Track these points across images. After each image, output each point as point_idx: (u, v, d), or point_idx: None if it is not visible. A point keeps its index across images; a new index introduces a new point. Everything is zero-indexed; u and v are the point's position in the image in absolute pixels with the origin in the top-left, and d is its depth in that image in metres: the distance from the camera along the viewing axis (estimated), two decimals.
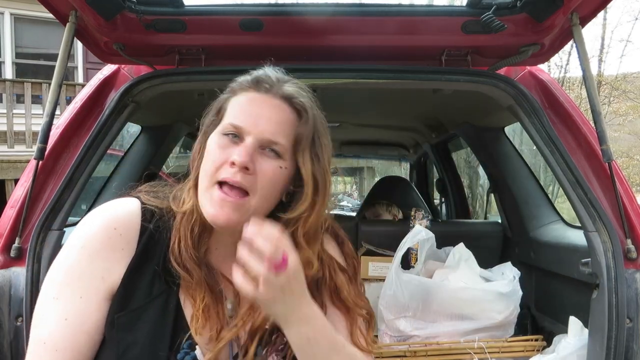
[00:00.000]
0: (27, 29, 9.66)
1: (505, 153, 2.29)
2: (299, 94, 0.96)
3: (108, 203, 0.98)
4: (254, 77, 0.97)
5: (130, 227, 0.94)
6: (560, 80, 13.37)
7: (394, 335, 1.71)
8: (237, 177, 0.88)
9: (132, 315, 0.90)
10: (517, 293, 1.70)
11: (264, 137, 0.91)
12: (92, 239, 0.92)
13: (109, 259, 0.91)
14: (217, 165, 0.90)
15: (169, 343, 0.90)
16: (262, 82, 0.96)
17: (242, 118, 0.92)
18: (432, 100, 2.14)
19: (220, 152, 0.91)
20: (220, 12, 1.42)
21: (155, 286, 0.93)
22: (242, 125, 0.91)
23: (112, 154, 3.23)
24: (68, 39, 1.35)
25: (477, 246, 1.97)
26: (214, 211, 0.89)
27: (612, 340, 1.25)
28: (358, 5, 1.51)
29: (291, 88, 0.97)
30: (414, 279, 1.71)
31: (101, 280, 0.90)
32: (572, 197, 1.41)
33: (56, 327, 0.87)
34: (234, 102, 0.96)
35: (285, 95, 0.95)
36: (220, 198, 0.88)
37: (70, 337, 0.87)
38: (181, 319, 0.93)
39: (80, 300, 0.89)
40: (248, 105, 0.94)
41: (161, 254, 0.95)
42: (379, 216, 2.80)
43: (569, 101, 1.61)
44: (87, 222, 0.94)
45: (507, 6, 1.37)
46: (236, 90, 0.97)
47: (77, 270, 0.90)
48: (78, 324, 0.88)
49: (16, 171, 6.54)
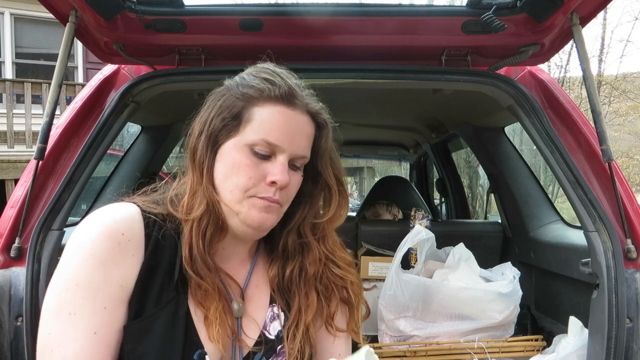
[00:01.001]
0: (27, 29, 9.66)
1: (505, 153, 2.29)
2: (322, 109, 0.99)
3: (105, 208, 0.91)
4: (284, 91, 0.93)
5: (135, 231, 0.89)
6: (560, 80, 13.37)
7: (394, 335, 1.71)
8: (277, 196, 0.92)
9: (143, 325, 0.87)
10: (517, 293, 1.70)
11: (298, 154, 0.94)
12: (101, 246, 0.85)
13: (123, 266, 0.86)
14: (254, 181, 0.91)
15: (181, 352, 0.88)
16: (294, 97, 0.94)
17: (277, 135, 0.91)
18: (432, 100, 2.13)
19: (254, 170, 0.91)
20: (220, 12, 1.42)
21: (164, 294, 0.89)
22: (279, 144, 0.91)
23: (112, 154, 3.24)
24: (68, 39, 1.35)
25: (477, 246, 1.97)
26: (261, 218, 0.92)
27: (612, 340, 1.25)
28: (358, 5, 1.51)
29: (314, 102, 0.98)
30: (414, 279, 1.71)
31: (120, 288, 0.85)
32: (572, 197, 1.41)
33: (83, 344, 0.81)
34: (263, 115, 0.92)
35: (312, 112, 0.97)
36: (267, 204, 0.92)
37: (100, 351, 0.82)
38: (191, 326, 0.90)
39: (104, 311, 0.83)
40: (283, 123, 0.92)
41: (168, 261, 0.92)
42: (379, 216, 2.80)
43: (569, 101, 1.61)
44: (87, 229, 0.87)
45: (507, 6, 1.37)
46: (261, 99, 0.93)
47: (92, 280, 0.84)
48: (107, 337, 0.83)
49: (16, 171, 6.54)
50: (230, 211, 0.93)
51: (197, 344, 0.90)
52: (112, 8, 1.34)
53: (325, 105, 1.01)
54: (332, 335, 1.05)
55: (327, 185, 1.02)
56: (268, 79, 0.94)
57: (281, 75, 0.96)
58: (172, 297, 0.90)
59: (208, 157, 0.93)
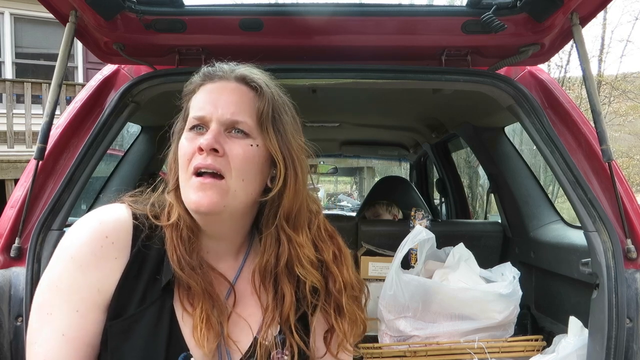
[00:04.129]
0: (27, 29, 9.66)
1: (505, 153, 2.29)
2: (252, 73, 0.98)
3: (94, 211, 0.94)
4: (205, 71, 0.99)
5: (121, 234, 0.91)
6: (560, 80, 13.36)
7: (394, 336, 1.71)
8: (208, 161, 0.89)
9: (126, 323, 0.88)
10: (517, 293, 1.70)
11: (226, 119, 0.92)
12: (83, 250, 0.88)
13: (103, 269, 0.89)
14: (188, 156, 0.91)
15: (165, 351, 0.89)
16: (214, 72, 0.98)
17: (203, 107, 0.94)
18: (432, 100, 2.14)
19: (189, 144, 0.92)
20: (220, 12, 1.42)
21: (149, 293, 0.91)
22: (204, 114, 0.93)
23: (112, 154, 3.23)
24: (68, 39, 1.35)
25: (477, 246, 1.97)
26: (196, 197, 0.89)
27: (612, 340, 1.25)
28: (358, 5, 1.51)
29: (244, 69, 0.99)
30: (414, 279, 1.71)
31: (97, 293, 0.88)
32: (572, 197, 1.41)
33: (53, 344, 0.85)
34: (194, 99, 0.97)
35: (239, 77, 0.97)
36: (199, 182, 0.89)
37: (67, 353, 0.85)
38: (175, 328, 0.91)
39: (76, 314, 0.87)
40: (206, 95, 0.96)
41: (154, 261, 0.93)
42: (379, 216, 2.80)
43: (569, 101, 1.61)
44: (74, 232, 0.91)
45: (507, 6, 1.37)
46: (193, 89, 0.99)
47: (70, 283, 0.87)
48: (76, 338, 0.86)
49: (16, 171, 6.54)
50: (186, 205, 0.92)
51: (182, 346, 0.90)
52: (112, 8, 1.34)
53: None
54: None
55: (273, 158, 0.96)
56: (198, 72, 1.00)
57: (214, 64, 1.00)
58: (157, 298, 0.91)
59: (175, 159, 0.96)
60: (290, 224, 0.98)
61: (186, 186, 0.91)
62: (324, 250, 1.03)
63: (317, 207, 1.05)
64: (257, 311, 1.00)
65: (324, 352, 1.03)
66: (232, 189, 0.91)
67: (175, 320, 0.92)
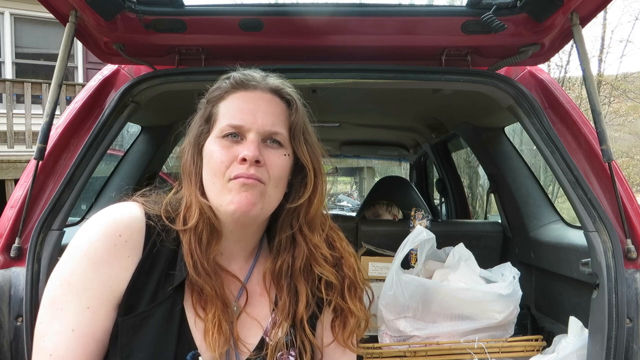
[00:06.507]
0: (27, 29, 9.66)
1: (505, 153, 2.29)
2: (285, 85, 1.02)
3: (108, 208, 0.96)
4: (238, 79, 1.00)
5: (134, 232, 0.92)
6: (560, 80, 13.36)
7: (394, 336, 1.71)
8: (250, 171, 0.91)
9: (137, 319, 0.89)
10: (517, 293, 1.69)
11: (266, 130, 0.95)
12: (96, 247, 0.90)
13: (115, 267, 0.90)
14: (227, 164, 0.92)
15: (174, 348, 0.90)
16: (248, 81, 0.99)
17: (240, 116, 0.95)
18: (432, 100, 2.13)
19: (225, 151, 0.93)
20: (220, 12, 1.42)
21: (160, 292, 0.92)
22: (242, 124, 0.94)
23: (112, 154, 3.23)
24: (68, 39, 1.35)
25: (477, 246, 1.97)
26: (239, 198, 0.91)
27: (612, 340, 1.25)
28: (358, 5, 1.51)
29: (277, 81, 1.02)
30: (414, 279, 1.71)
31: (109, 290, 0.89)
32: (572, 197, 1.41)
33: (63, 339, 0.86)
34: (225, 106, 0.98)
35: (274, 88, 1.00)
36: (241, 182, 0.91)
37: (76, 348, 0.86)
38: (185, 326, 0.92)
39: (87, 310, 0.88)
40: (243, 104, 0.97)
41: (166, 260, 0.94)
42: (379, 216, 2.80)
43: (569, 101, 1.61)
44: (88, 229, 0.92)
45: (507, 6, 1.37)
46: (223, 95, 0.99)
47: (82, 280, 0.88)
48: (86, 334, 0.87)
49: (16, 171, 6.54)
50: (218, 209, 0.94)
51: (190, 344, 0.91)
52: (112, 8, 1.34)
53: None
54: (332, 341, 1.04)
55: (303, 166, 1.01)
56: (226, 77, 1.01)
57: (239, 70, 1.02)
58: (168, 296, 0.92)
59: (195, 163, 0.97)
60: (310, 226, 1.02)
61: (223, 190, 0.92)
62: (336, 247, 1.07)
63: (325, 208, 1.09)
64: (266, 312, 1.01)
65: (331, 341, 1.05)
66: (269, 194, 0.95)
67: (185, 320, 0.93)
